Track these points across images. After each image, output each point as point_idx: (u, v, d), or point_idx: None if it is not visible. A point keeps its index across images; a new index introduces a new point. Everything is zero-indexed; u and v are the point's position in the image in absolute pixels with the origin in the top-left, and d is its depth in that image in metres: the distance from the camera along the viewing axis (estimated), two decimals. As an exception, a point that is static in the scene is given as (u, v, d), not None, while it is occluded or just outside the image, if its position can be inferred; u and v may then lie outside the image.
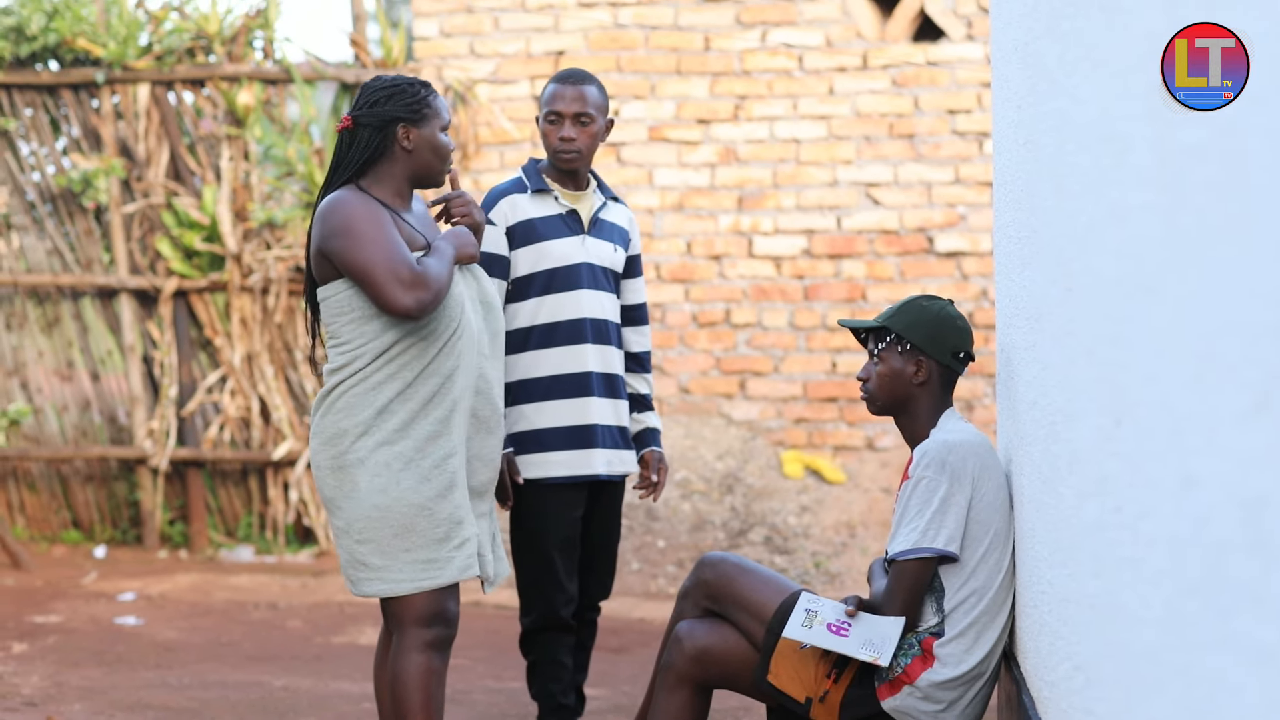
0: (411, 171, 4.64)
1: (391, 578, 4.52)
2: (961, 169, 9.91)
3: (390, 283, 4.38)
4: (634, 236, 5.66)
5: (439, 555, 4.51)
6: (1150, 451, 2.63)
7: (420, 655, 4.59)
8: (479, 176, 10.32)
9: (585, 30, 10.29)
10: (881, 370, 4.54)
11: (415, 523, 4.49)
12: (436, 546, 4.51)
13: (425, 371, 4.51)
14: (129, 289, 10.30)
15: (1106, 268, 2.95)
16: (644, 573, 9.30)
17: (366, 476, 4.50)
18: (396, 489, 4.48)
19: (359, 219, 4.45)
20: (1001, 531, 4.36)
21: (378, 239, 4.42)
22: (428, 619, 4.57)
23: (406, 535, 4.49)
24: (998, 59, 4.83)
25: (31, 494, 10.60)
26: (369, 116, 4.58)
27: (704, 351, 10.23)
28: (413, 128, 4.59)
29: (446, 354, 4.53)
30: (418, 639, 4.59)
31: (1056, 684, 3.57)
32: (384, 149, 4.60)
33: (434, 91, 4.64)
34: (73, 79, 10.29)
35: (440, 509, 4.51)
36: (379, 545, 4.51)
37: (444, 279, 4.45)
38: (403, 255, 4.40)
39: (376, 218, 4.46)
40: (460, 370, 4.56)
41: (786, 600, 4.48)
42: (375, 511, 4.49)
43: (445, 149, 4.65)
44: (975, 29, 9.85)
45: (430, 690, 4.60)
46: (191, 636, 7.87)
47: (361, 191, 4.55)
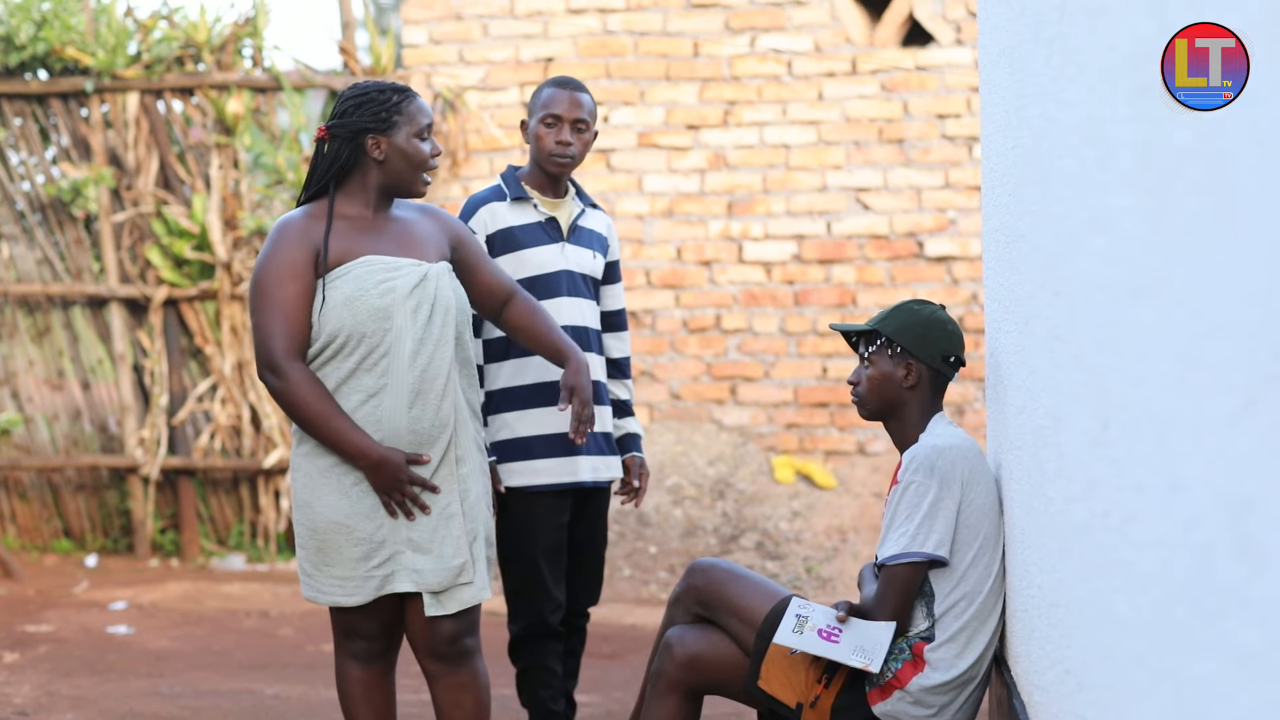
0: (384, 181, 4.56)
1: (316, 587, 4.55)
2: (951, 173, 9.91)
3: (259, 350, 4.44)
4: (613, 243, 5.66)
5: (356, 574, 4.47)
6: (1138, 455, 2.62)
7: (346, 664, 4.69)
8: (469, 184, 10.32)
9: (574, 37, 10.29)
10: (872, 374, 4.53)
11: (333, 539, 4.46)
12: (354, 565, 4.47)
13: (345, 387, 4.44)
14: (119, 298, 10.30)
15: (1093, 271, 2.95)
16: (635, 579, 9.29)
17: (298, 485, 4.54)
18: (319, 502, 4.47)
19: (269, 273, 4.45)
20: (991, 536, 4.35)
21: (270, 300, 4.43)
22: (346, 631, 4.63)
23: (326, 550, 4.48)
24: (985, 64, 4.83)
25: (22, 503, 10.59)
26: (338, 127, 4.53)
27: (694, 357, 10.23)
28: (382, 137, 4.51)
29: (366, 371, 4.44)
30: (344, 649, 4.68)
31: (1047, 688, 3.57)
32: (355, 159, 4.54)
33: (408, 96, 4.56)
34: (62, 88, 10.29)
35: (361, 528, 4.45)
36: (308, 554, 4.54)
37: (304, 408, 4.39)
38: (279, 331, 4.40)
39: (281, 271, 4.43)
40: (388, 390, 4.44)
41: (777, 606, 4.47)
42: (305, 521, 4.51)
43: (418, 156, 4.55)
44: (964, 33, 9.86)
45: (358, 697, 4.69)
46: (183, 645, 7.87)
47: (308, 215, 4.52)
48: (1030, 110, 3.69)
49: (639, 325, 10.19)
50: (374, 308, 4.43)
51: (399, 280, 4.48)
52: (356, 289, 4.43)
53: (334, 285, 4.44)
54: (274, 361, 4.40)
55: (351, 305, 4.42)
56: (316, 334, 4.44)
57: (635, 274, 10.18)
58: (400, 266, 4.50)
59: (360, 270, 4.46)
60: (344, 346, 4.43)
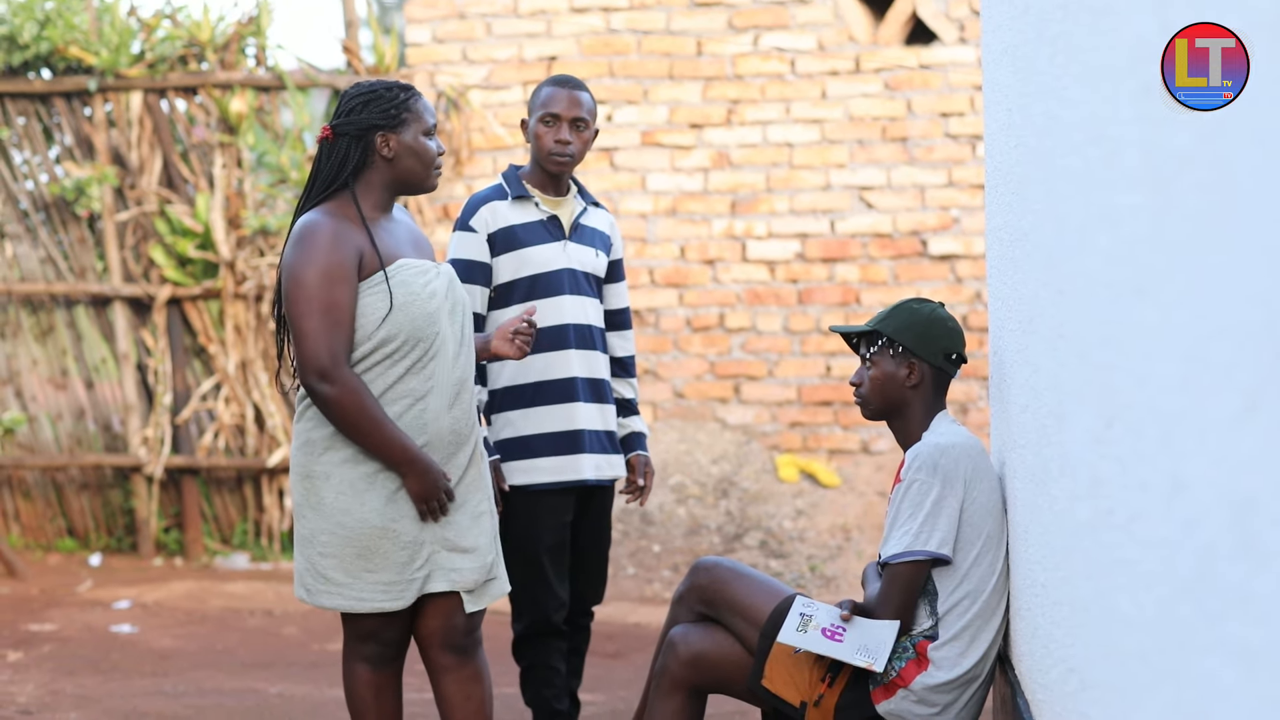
0: (393, 179, 4.53)
1: (353, 595, 4.47)
2: (955, 172, 9.91)
3: (308, 357, 4.32)
4: (615, 241, 5.65)
5: (401, 578, 4.46)
6: (1141, 454, 2.62)
7: (357, 666, 4.67)
8: (472, 182, 10.32)
9: (578, 35, 10.29)
10: (874, 374, 4.53)
11: (379, 545, 4.42)
12: (400, 569, 4.45)
13: (391, 392, 4.41)
14: (123, 297, 10.29)
15: (1097, 270, 2.95)
16: (639, 577, 9.29)
17: (332, 493, 4.44)
18: (360, 510, 4.41)
19: (313, 275, 4.34)
20: (994, 534, 4.35)
21: (320, 304, 4.32)
22: (367, 635, 4.60)
23: (369, 556, 4.43)
24: (988, 62, 4.83)
25: (26, 502, 10.59)
26: (346, 125, 4.48)
27: (698, 356, 10.23)
28: (391, 134, 4.47)
29: (414, 374, 4.42)
30: (356, 652, 4.65)
31: (1051, 687, 3.57)
32: (364, 158, 4.49)
33: (414, 94, 4.54)
34: (65, 87, 10.28)
35: (405, 531, 4.44)
36: (341, 562, 4.45)
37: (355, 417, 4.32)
38: (330, 337, 4.31)
39: (332, 274, 4.34)
40: (434, 393, 4.44)
41: (781, 604, 4.47)
42: (340, 530, 4.43)
43: (427, 154, 4.53)
44: (967, 32, 9.86)
45: (370, 700, 4.68)
46: (187, 644, 7.87)
47: (335, 216, 4.42)
48: (1034, 109, 3.69)
49: (642, 324, 10.19)
50: (425, 311, 4.43)
51: (436, 283, 4.49)
52: (408, 293, 4.41)
53: (383, 289, 4.40)
54: (324, 368, 4.31)
55: (407, 309, 4.40)
56: (364, 337, 4.39)
57: (639, 273, 10.18)
58: (428, 269, 4.50)
59: (405, 274, 4.45)
60: (397, 350, 4.40)
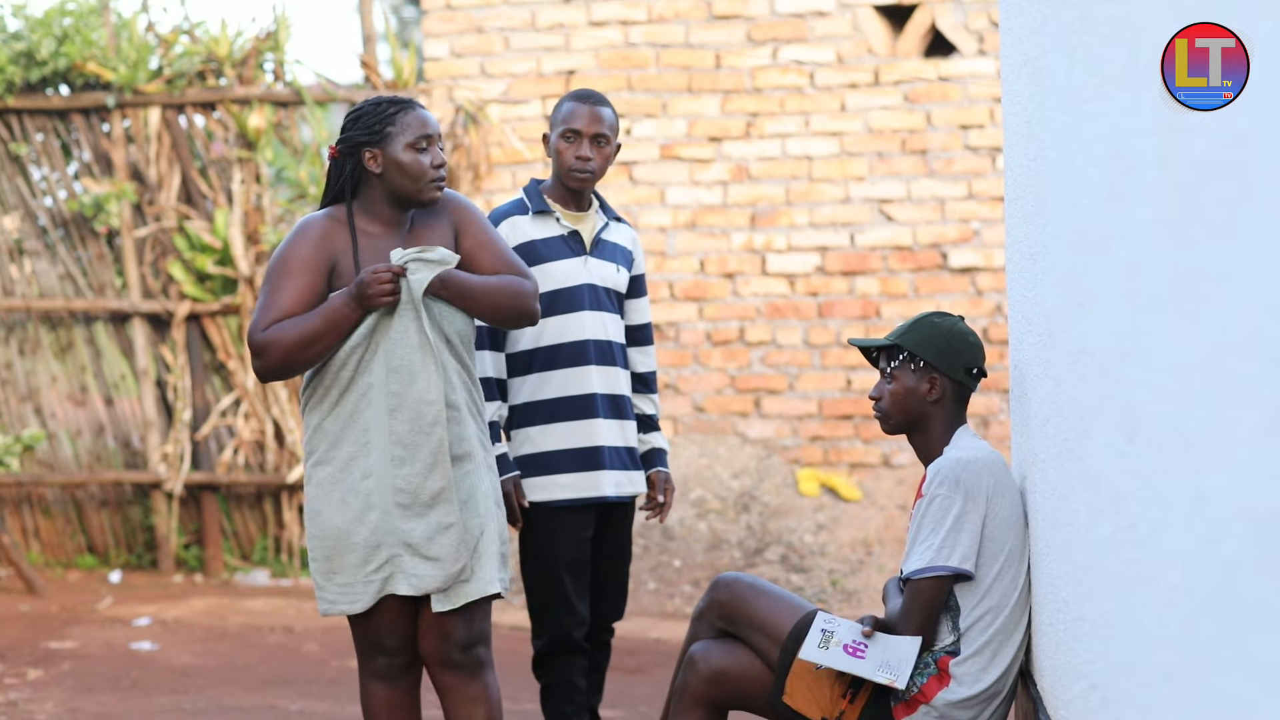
0: (388, 193, 4.62)
1: (326, 598, 4.61)
2: (975, 184, 9.89)
3: (248, 332, 4.56)
4: (638, 256, 5.64)
5: (356, 579, 4.55)
6: (1163, 468, 2.61)
7: (371, 684, 4.72)
8: (491, 197, 10.31)
9: (596, 49, 10.29)
10: (894, 389, 4.51)
11: (338, 545, 4.54)
12: (354, 570, 4.55)
13: (347, 390, 4.54)
14: (141, 313, 10.31)
15: (1117, 283, 2.93)
16: (660, 592, 9.28)
17: (309, 494, 4.61)
18: (327, 510, 4.55)
19: (276, 258, 4.57)
20: (1016, 549, 4.33)
21: (271, 285, 4.54)
22: (367, 648, 4.67)
23: (333, 558, 4.56)
24: (1008, 74, 4.81)
25: (46, 519, 10.60)
26: (341, 144, 4.63)
27: (718, 370, 10.21)
28: (377, 149, 4.58)
29: (362, 371, 4.53)
30: (367, 668, 4.72)
31: (1073, 702, 3.55)
32: (362, 175, 4.62)
33: (405, 107, 4.60)
34: (83, 103, 10.31)
35: (357, 532, 4.53)
36: (318, 565, 4.60)
37: (287, 343, 4.47)
38: (264, 314, 4.49)
39: (290, 263, 4.54)
40: (376, 389, 4.53)
41: (801, 620, 4.45)
42: (314, 532, 4.59)
43: (413, 167, 4.57)
44: (986, 44, 9.84)
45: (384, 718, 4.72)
46: (207, 661, 7.87)
47: (329, 219, 4.62)
48: (1053, 121, 3.67)
49: (662, 338, 10.18)
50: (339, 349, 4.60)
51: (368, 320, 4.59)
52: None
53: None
54: (252, 340, 4.51)
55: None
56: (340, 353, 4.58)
57: (658, 286, 10.17)
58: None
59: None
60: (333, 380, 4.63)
